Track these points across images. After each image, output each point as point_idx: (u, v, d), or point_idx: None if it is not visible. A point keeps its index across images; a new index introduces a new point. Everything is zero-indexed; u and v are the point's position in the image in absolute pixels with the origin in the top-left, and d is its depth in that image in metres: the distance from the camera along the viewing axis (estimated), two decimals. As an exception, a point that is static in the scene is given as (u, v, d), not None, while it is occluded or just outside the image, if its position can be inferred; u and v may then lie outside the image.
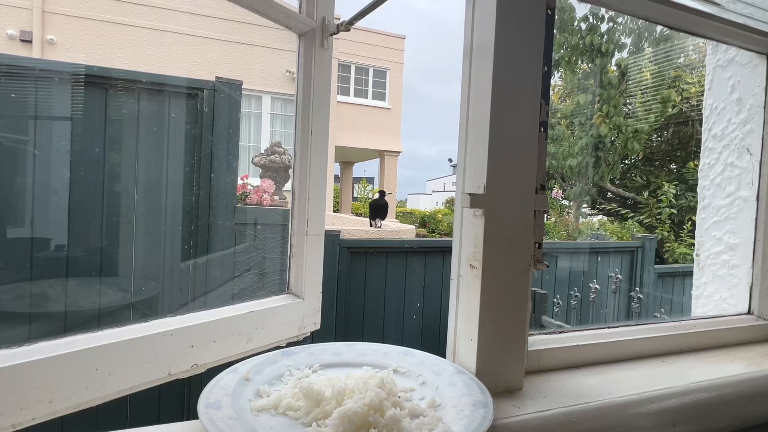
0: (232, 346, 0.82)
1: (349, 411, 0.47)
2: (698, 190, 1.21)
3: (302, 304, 0.96)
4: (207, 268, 2.35)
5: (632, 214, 6.79)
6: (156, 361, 0.70)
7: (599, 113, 5.47)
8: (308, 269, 0.97)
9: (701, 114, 1.22)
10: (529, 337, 0.71)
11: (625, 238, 6.43)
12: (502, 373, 0.62)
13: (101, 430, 0.47)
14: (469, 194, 0.59)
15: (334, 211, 11.94)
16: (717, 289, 1.14)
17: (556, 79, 7.00)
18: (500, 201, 0.60)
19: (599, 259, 3.96)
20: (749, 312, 1.00)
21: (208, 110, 2.39)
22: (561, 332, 0.76)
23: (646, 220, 6.48)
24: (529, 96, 0.62)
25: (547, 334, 0.75)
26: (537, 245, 0.64)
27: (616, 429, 0.60)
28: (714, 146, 1.17)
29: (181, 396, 2.25)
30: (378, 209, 4.91)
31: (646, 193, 6.58)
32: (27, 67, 2.10)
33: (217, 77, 2.49)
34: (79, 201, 2.02)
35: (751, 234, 1.04)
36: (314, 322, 1.00)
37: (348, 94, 12.72)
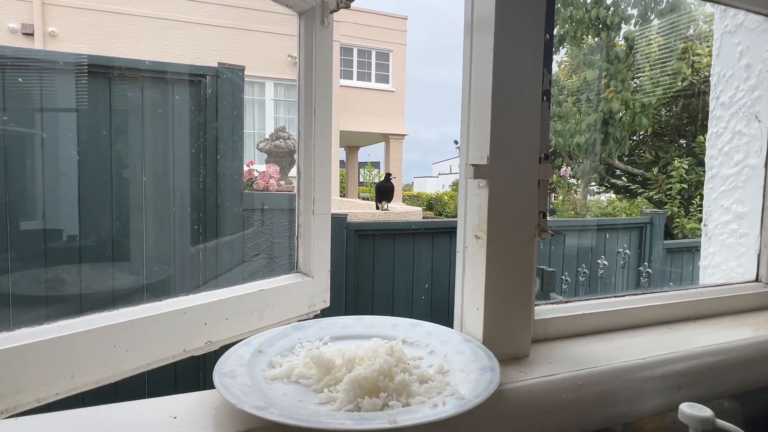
0: (245, 324, 0.84)
1: (360, 376, 0.48)
2: (706, 159, 1.20)
3: (311, 283, 0.98)
4: (217, 252, 2.38)
5: (642, 190, 6.73)
6: (171, 338, 0.72)
7: (606, 88, 5.38)
8: (316, 248, 0.99)
9: (710, 84, 1.20)
10: (536, 307, 0.72)
11: (634, 215, 6.39)
12: (509, 340, 0.63)
13: (120, 401, 0.49)
14: (473, 165, 0.60)
15: (341, 196, 11.95)
16: (725, 259, 1.14)
17: (561, 56, 6.88)
18: (504, 171, 0.60)
19: (607, 235, 3.95)
20: (757, 279, 1.00)
21: (211, 96, 2.39)
22: (567, 302, 0.77)
23: (655, 196, 6.42)
24: (531, 65, 0.62)
25: (553, 303, 0.76)
26: (541, 215, 0.64)
27: (622, 392, 0.61)
28: (722, 114, 1.15)
29: (196, 370, 2.31)
30: (384, 192, 4.90)
31: (655, 169, 6.51)
32: (31, 59, 2.11)
33: (219, 63, 2.49)
34: (89, 191, 2.05)
35: (760, 202, 1.04)
36: (323, 300, 1.02)
37: (351, 78, 12.61)
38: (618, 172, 7.12)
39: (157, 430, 0.44)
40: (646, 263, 3.44)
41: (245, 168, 2.95)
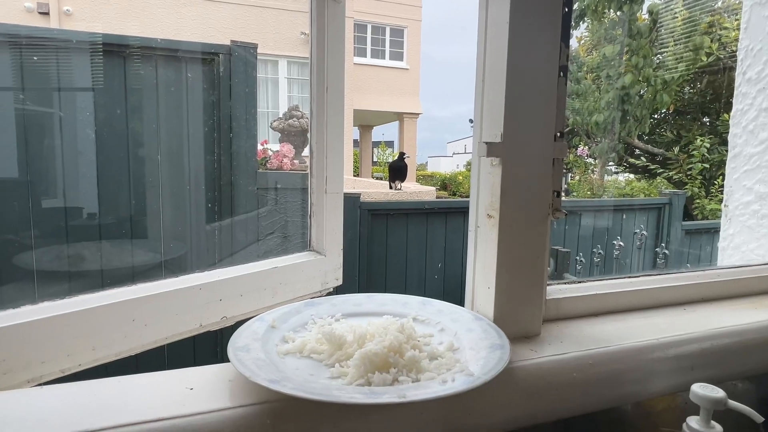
0: (258, 300, 0.85)
1: (370, 352, 0.49)
2: (729, 138, 1.16)
3: (324, 261, 0.99)
4: (232, 231, 2.41)
5: (661, 170, 6.59)
6: (188, 314, 0.74)
7: (627, 64, 5.21)
8: (329, 227, 0.99)
9: (737, 59, 1.15)
10: (548, 287, 0.72)
11: (653, 195, 6.28)
12: (520, 319, 0.63)
13: (142, 372, 0.51)
14: (486, 143, 0.59)
15: (355, 175, 11.95)
16: (745, 240, 1.11)
17: (581, 31, 6.68)
18: (518, 149, 0.59)
19: (624, 216, 3.89)
20: (778, 261, 0.98)
21: (224, 74, 2.38)
22: (580, 282, 0.76)
23: (675, 177, 6.29)
24: (549, 39, 0.60)
25: (566, 283, 0.75)
26: (555, 194, 0.63)
27: (633, 372, 0.61)
28: (748, 91, 1.11)
29: (214, 344, 2.38)
30: (397, 171, 4.88)
31: (676, 149, 6.35)
32: (47, 38, 2.12)
33: (232, 41, 2.47)
34: (107, 170, 2.08)
35: (784, 182, 1.01)
36: (336, 278, 1.03)
37: (365, 55, 12.44)
38: (637, 151, 6.97)
39: (174, 400, 0.45)
40: (663, 244, 3.38)
41: (259, 147, 2.96)
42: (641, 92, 5.44)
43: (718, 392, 0.54)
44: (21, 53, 1.98)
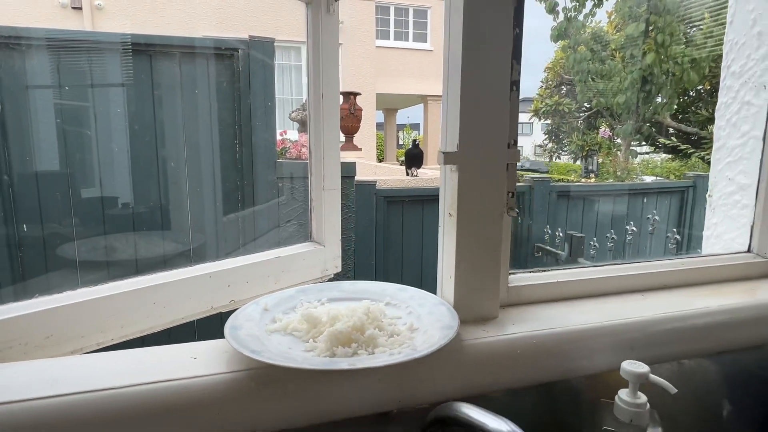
0: (263, 286, 0.97)
1: (336, 330, 0.60)
2: (714, 130, 1.19)
3: (323, 251, 1.10)
4: (254, 219, 2.56)
5: (692, 150, 6.39)
6: (200, 298, 0.87)
7: (649, 43, 5.03)
8: (327, 220, 1.10)
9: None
10: (512, 275, 0.81)
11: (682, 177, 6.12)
12: (477, 304, 0.72)
13: (174, 343, 0.64)
14: (443, 152, 0.68)
15: (379, 161, 12.01)
16: (727, 230, 1.16)
17: (609, 6, 6.47)
18: (472, 157, 0.68)
19: (645, 200, 3.85)
20: (749, 250, 1.03)
21: (243, 69, 2.50)
22: (543, 271, 0.84)
23: (708, 157, 6.09)
24: (500, 58, 0.67)
25: (530, 272, 0.84)
26: (510, 194, 0.72)
27: (575, 352, 0.70)
28: (732, 84, 1.14)
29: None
30: (413, 158, 4.94)
31: (711, 127, 6.13)
32: (84, 40, 2.29)
33: (250, 36, 2.59)
34: (138, 162, 2.26)
35: (761, 174, 1.04)
36: (335, 266, 1.14)
37: (388, 38, 12.36)
38: (671, 130, 6.77)
39: (180, 367, 0.57)
40: (674, 230, 3.35)
41: (278, 137, 3.08)
42: (669, 71, 5.27)
43: (643, 368, 0.63)
44: (59, 54, 2.15)
